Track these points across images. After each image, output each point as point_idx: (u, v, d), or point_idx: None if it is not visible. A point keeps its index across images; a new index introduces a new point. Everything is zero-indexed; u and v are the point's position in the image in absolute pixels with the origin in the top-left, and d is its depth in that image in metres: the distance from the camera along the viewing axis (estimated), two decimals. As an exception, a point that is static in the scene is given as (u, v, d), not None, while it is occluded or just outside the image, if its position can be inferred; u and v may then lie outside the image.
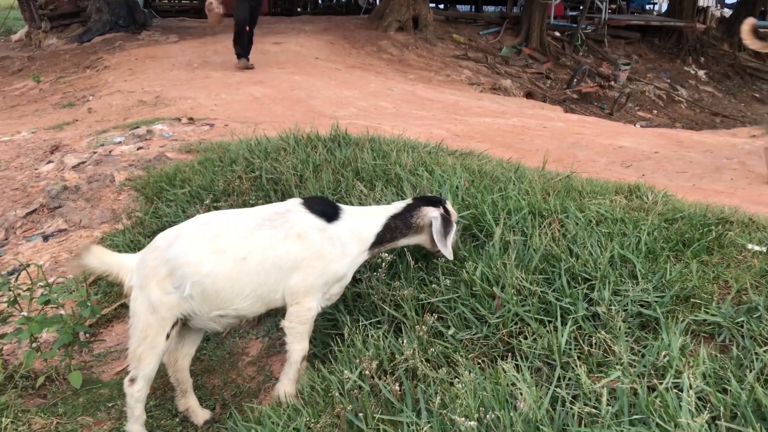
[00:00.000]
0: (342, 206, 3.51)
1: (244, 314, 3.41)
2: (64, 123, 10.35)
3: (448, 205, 3.59)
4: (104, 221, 6.14)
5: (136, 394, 3.39)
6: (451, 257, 3.49)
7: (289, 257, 3.27)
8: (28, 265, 4.27)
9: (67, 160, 7.50)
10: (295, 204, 3.43)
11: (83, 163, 7.36)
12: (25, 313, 4.11)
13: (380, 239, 3.47)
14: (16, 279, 4.23)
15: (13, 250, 6.02)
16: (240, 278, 3.24)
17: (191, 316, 3.34)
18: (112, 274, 3.42)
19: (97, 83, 13.44)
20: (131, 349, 3.36)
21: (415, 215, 3.51)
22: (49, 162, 7.81)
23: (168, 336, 3.33)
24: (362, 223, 3.46)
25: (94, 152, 7.67)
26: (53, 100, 12.97)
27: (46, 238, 6.10)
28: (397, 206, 3.57)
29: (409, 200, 3.66)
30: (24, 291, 4.19)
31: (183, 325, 3.43)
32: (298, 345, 3.40)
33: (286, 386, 3.40)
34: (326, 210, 3.42)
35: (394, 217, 3.50)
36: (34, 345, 4.15)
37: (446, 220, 3.46)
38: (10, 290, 4.12)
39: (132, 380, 3.38)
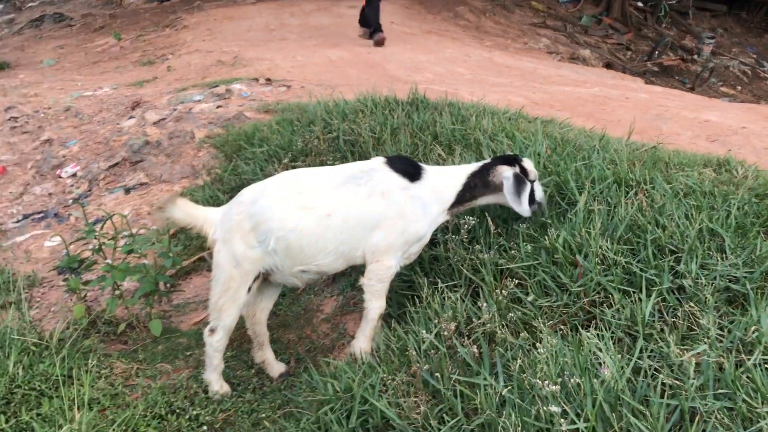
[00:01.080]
0: (423, 165, 3.51)
1: (326, 270, 3.45)
2: (144, 80, 10.56)
3: (526, 163, 3.53)
4: (184, 176, 6.26)
5: (216, 343, 3.48)
6: (526, 214, 3.45)
7: (372, 215, 3.29)
8: (113, 215, 4.38)
9: (148, 116, 7.66)
10: (378, 163, 3.44)
11: (164, 119, 7.51)
12: (109, 261, 4.23)
13: (460, 198, 3.48)
14: (101, 228, 4.35)
15: (96, 201, 6.21)
16: (324, 234, 3.27)
17: (273, 270, 3.39)
18: (196, 227, 3.49)
19: (176, 42, 13.64)
20: (212, 301, 3.44)
21: (491, 174, 3.50)
22: (131, 117, 7.99)
23: (249, 289, 3.40)
24: (443, 182, 3.47)
25: (174, 109, 7.81)
26: (133, 58, 13.23)
27: (127, 190, 6.26)
28: (477, 165, 3.57)
29: (488, 159, 3.65)
30: (108, 240, 4.31)
31: (263, 279, 3.48)
32: (375, 303, 3.42)
33: (362, 343, 3.44)
34: (409, 169, 3.42)
35: (473, 176, 3.50)
36: (116, 292, 4.28)
37: (518, 179, 3.41)
38: (95, 238, 4.25)
39: (212, 330, 3.47)
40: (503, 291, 3.15)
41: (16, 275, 4.93)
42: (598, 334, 2.71)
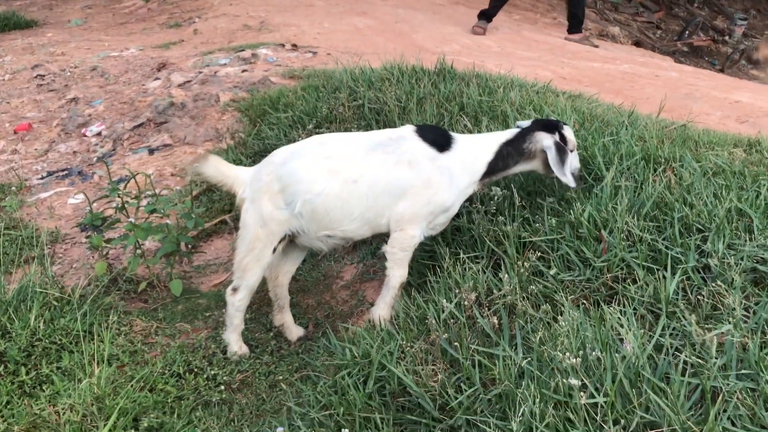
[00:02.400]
0: (454, 135, 3.45)
1: (351, 236, 3.44)
2: (170, 42, 10.54)
3: (566, 131, 3.48)
4: (208, 139, 6.27)
5: (237, 303, 3.51)
6: (573, 185, 3.40)
7: (398, 183, 3.26)
8: (136, 175, 4.39)
9: (174, 78, 7.66)
10: (408, 131, 3.39)
11: (189, 81, 7.50)
12: (131, 220, 4.25)
13: (492, 168, 3.43)
14: (125, 187, 4.37)
15: (120, 161, 6.24)
16: (350, 200, 3.26)
17: (299, 233, 3.40)
18: (227, 185, 3.51)
19: (203, 5, 13.58)
20: (237, 260, 3.46)
21: (528, 141, 3.43)
22: (156, 79, 7.99)
23: (274, 250, 3.42)
24: (473, 153, 3.41)
25: (200, 72, 7.80)
26: (160, 20, 13.20)
27: (151, 151, 6.28)
28: (511, 132, 3.50)
29: (525, 123, 3.56)
30: (131, 199, 4.33)
31: (289, 242, 3.48)
32: (397, 271, 3.41)
33: (381, 310, 3.44)
34: (438, 139, 3.37)
35: (507, 144, 3.43)
36: (138, 251, 4.31)
37: (560, 148, 3.35)
38: (118, 197, 4.26)
39: (234, 289, 3.50)
40: (525, 263, 3.13)
41: (40, 231, 4.97)
42: (620, 310, 2.69)
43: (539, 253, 3.21)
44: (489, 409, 2.52)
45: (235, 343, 3.62)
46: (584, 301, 2.93)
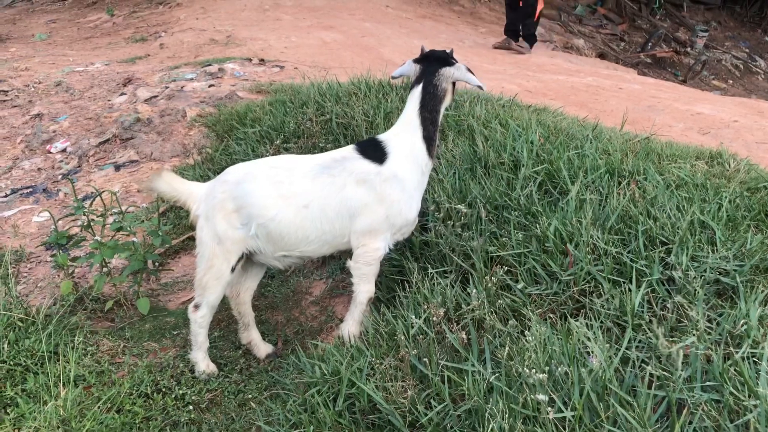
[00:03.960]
0: (381, 138, 3.39)
1: (310, 256, 3.48)
2: (136, 57, 10.47)
3: (450, 52, 3.56)
4: (175, 155, 6.22)
5: (200, 320, 3.51)
6: (485, 87, 3.49)
7: (349, 204, 3.27)
8: (102, 192, 4.35)
9: (140, 93, 7.60)
10: (349, 151, 3.37)
11: (155, 96, 7.45)
12: (97, 238, 4.20)
13: (429, 138, 3.38)
14: (90, 205, 4.32)
15: (86, 178, 6.17)
16: (303, 225, 3.28)
17: (256, 252, 3.40)
18: (180, 201, 3.49)
19: (169, 20, 13.52)
20: (198, 277, 3.45)
21: (440, 82, 3.37)
22: (122, 94, 7.93)
23: (233, 269, 3.40)
24: (406, 142, 3.35)
25: (166, 87, 7.76)
26: (126, 34, 13.11)
27: (117, 167, 6.22)
28: (417, 90, 3.39)
29: (406, 69, 3.52)
30: (97, 217, 4.28)
31: (247, 259, 3.47)
32: (364, 286, 3.41)
33: (350, 327, 3.44)
34: (377, 152, 3.32)
35: (422, 106, 3.36)
36: (104, 270, 4.26)
37: (466, 68, 3.44)
38: (84, 215, 4.22)
39: (196, 306, 3.50)
40: (493, 278, 3.15)
41: (3, 250, 4.89)
42: (586, 323, 2.72)
43: (506, 268, 3.23)
44: (459, 424, 2.53)
45: (202, 361, 3.60)
46: (551, 315, 2.95)
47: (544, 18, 17.76)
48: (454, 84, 3.47)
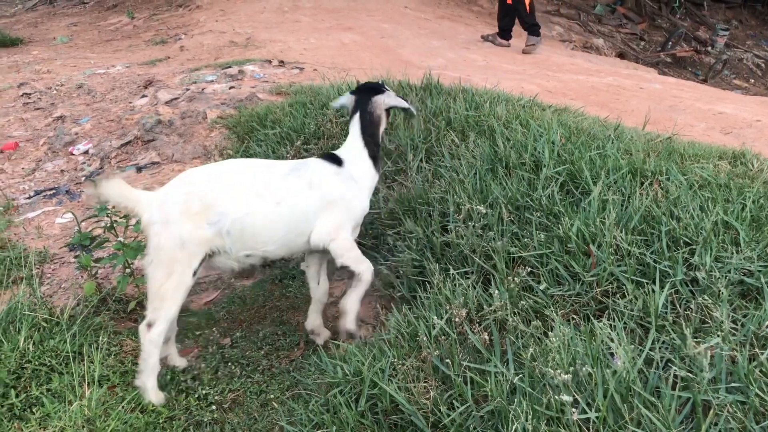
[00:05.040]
0: (337, 152, 3.71)
1: (269, 257, 3.55)
2: (156, 59, 10.55)
3: (383, 85, 3.89)
4: (196, 156, 6.26)
5: (156, 338, 3.30)
6: (414, 108, 3.94)
7: (314, 203, 3.46)
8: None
9: (161, 96, 7.66)
10: (312, 158, 3.67)
11: (176, 99, 7.50)
12: (120, 240, 4.23)
13: (374, 156, 3.70)
14: (113, 206, 4.35)
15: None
16: (276, 221, 3.38)
17: (219, 252, 3.38)
18: (128, 208, 3.37)
19: (189, 22, 13.61)
20: (153, 289, 3.30)
21: (373, 110, 3.71)
22: (143, 96, 7.99)
23: (195, 272, 3.34)
24: (356, 157, 3.65)
25: (187, 89, 7.81)
26: (146, 37, 13.21)
27: (139, 169, 6.27)
28: (356, 120, 3.71)
29: (344, 100, 3.86)
30: (120, 218, 4.31)
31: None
32: (362, 266, 3.56)
33: (353, 300, 3.58)
34: (335, 158, 3.64)
35: (363, 131, 3.68)
36: (127, 271, 4.28)
37: (397, 96, 3.82)
38: (107, 216, 4.24)
39: (150, 324, 3.31)
40: (515, 279, 3.15)
41: (28, 251, 4.94)
42: (610, 325, 2.71)
43: (529, 268, 3.23)
44: (482, 425, 2.53)
45: (151, 389, 3.35)
46: (574, 316, 2.94)
47: (563, 18, 17.72)
48: (388, 111, 3.82)
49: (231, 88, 7.71)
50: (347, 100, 3.83)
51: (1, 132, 7.96)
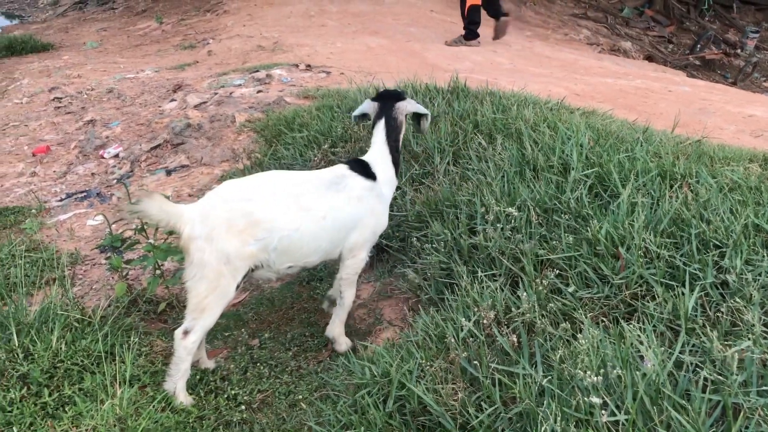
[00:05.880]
0: (366, 159, 3.78)
1: (307, 267, 3.65)
2: (185, 64, 10.66)
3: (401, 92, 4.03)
4: (224, 160, 6.32)
5: (190, 345, 3.35)
6: (430, 115, 4.09)
7: (353, 217, 3.57)
8: (144, 192, 4.43)
9: (190, 99, 7.73)
10: (344, 169, 3.68)
11: (205, 102, 7.58)
12: (150, 241, 4.29)
13: (396, 163, 3.84)
14: (133, 203, 4.40)
15: (138, 182, 6.30)
16: (320, 235, 3.45)
17: (261, 266, 3.42)
18: (169, 224, 3.31)
19: (216, 27, 13.74)
20: (195, 301, 3.32)
21: (396, 116, 3.82)
22: (172, 100, 8.08)
23: (238, 286, 3.39)
24: (384, 166, 3.77)
25: (215, 93, 7.88)
26: (174, 42, 13.35)
27: (169, 172, 6.33)
28: (381, 125, 3.80)
29: (366, 107, 3.91)
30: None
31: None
32: (349, 291, 3.80)
33: (338, 328, 3.85)
34: (368, 170, 3.71)
35: (388, 136, 3.79)
36: (157, 272, 4.33)
37: (417, 103, 3.94)
38: (138, 218, 4.30)
39: (186, 332, 3.36)
40: (543, 281, 3.14)
41: (60, 252, 5.02)
42: (639, 327, 2.70)
43: (557, 271, 3.22)
44: (510, 427, 2.53)
45: (181, 392, 3.41)
46: (603, 319, 2.93)
47: (590, 21, 17.63)
48: (406, 116, 3.93)
49: (259, 92, 7.77)
50: (369, 107, 3.90)
51: (33, 136, 8.09)
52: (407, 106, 3.86)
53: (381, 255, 4.54)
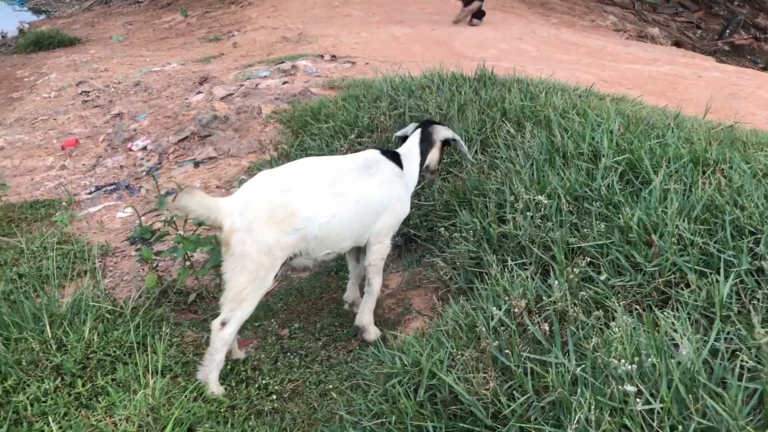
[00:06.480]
0: (398, 151, 3.90)
1: (341, 252, 3.66)
2: (210, 56, 10.70)
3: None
4: (251, 151, 6.34)
5: (227, 336, 3.37)
6: (471, 160, 4.31)
7: (383, 202, 3.60)
8: (184, 188, 4.45)
9: (216, 92, 7.76)
10: (377, 153, 3.75)
11: (231, 94, 7.60)
12: (180, 233, 4.31)
13: (421, 166, 3.92)
14: (173, 200, 4.42)
15: (166, 174, 6.33)
16: (355, 218, 3.49)
17: (301, 254, 3.44)
18: (210, 218, 3.31)
19: (241, 19, 13.77)
20: (234, 292, 3.33)
21: (431, 133, 3.96)
22: (199, 92, 8.11)
23: (276, 275, 3.41)
24: (413, 161, 3.87)
25: (241, 85, 7.90)
26: (200, 34, 13.41)
27: (196, 164, 6.36)
28: (416, 134, 3.97)
29: (414, 126, 4.07)
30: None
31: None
32: (377, 278, 3.80)
33: (366, 316, 3.83)
34: (397, 158, 3.80)
35: (422, 142, 3.92)
36: (187, 263, 4.35)
37: (449, 130, 4.06)
38: (167, 210, 4.32)
39: (224, 323, 3.37)
40: (575, 269, 3.11)
41: (90, 245, 5.06)
42: (674, 315, 2.66)
43: (588, 259, 3.19)
44: (543, 416, 2.51)
45: (213, 383, 3.42)
46: (636, 307, 2.90)
47: (617, 7, 17.43)
48: (441, 144, 4.03)
49: (284, 83, 7.78)
50: (411, 128, 4.07)
51: (62, 129, 8.17)
52: (443, 131, 3.99)
53: (409, 245, 4.53)
